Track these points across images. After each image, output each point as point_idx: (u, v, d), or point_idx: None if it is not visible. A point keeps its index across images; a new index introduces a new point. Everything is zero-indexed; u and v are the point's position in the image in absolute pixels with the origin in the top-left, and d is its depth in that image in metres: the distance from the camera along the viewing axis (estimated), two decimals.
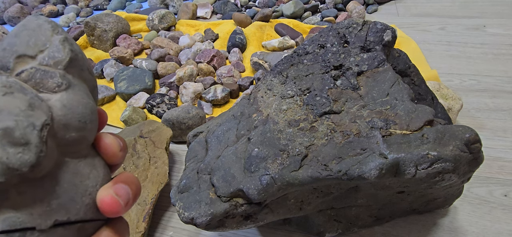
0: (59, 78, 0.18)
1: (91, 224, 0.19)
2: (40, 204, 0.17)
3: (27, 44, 0.18)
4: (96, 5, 1.28)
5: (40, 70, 0.18)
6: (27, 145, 0.16)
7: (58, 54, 0.19)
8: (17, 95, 0.17)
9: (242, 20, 0.94)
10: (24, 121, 0.16)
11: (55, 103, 0.18)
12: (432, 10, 1.03)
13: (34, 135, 0.16)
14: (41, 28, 0.19)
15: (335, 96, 0.36)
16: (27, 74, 0.18)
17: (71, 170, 0.19)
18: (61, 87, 0.18)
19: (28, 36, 0.18)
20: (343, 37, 0.40)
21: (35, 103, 0.17)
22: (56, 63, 0.18)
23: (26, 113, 0.16)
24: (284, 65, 0.41)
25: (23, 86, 0.17)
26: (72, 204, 0.18)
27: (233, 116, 0.40)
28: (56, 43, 0.19)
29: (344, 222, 0.40)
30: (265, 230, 0.46)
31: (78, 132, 0.19)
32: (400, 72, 0.42)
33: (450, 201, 0.42)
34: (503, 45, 0.82)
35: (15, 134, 0.15)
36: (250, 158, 0.33)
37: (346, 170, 0.30)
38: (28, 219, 0.16)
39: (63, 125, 0.18)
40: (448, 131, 0.31)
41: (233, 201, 0.33)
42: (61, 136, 0.18)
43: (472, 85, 0.70)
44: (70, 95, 0.19)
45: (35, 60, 0.18)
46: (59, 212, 0.18)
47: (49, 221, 0.17)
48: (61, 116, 0.18)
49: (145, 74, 0.76)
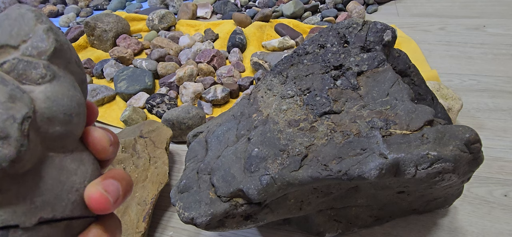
0: (42, 69, 0.17)
1: (79, 221, 0.19)
2: (24, 201, 0.16)
3: (9, 34, 0.17)
4: (96, 5, 1.28)
5: (22, 61, 0.17)
6: (6, 138, 0.15)
7: (42, 44, 0.18)
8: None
9: (242, 20, 0.94)
10: (3, 114, 0.15)
11: (38, 95, 0.17)
12: (432, 10, 1.03)
13: (14, 128, 0.15)
14: (24, 18, 0.18)
15: (335, 96, 0.36)
16: (9, 65, 0.17)
17: (56, 165, 0.18)
18: (45, 79, 0.17)
19: (10, 25, 0.18)
20: (343, 37, 0.40)
21: (16, 95, 0.16)
22: (40, 53, 0.18)
23: (5, 106, 0.15)
24: (284, 65, 0.41)
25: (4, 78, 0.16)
26: (58, 200, 0.17)
27: (233, 116, 0.40)
28: (40, 33, 0.18)
29: (344, 222, 0.40)
30: (265, 230, 0.46)
31: (64, 126, 0.18)
32: (400, 72, 0.42)
33: (450, 201, 0.42)
34: (503, 45, 0.82)
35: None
36: (250, 158, 0.33)
37: (346, 170, 0.30)
38: (11, 216, 0.16)
39: (47, 118, 0.17)
40: (448, 131, 0.31)
41: (233, 201, 0.33)
42: (45, 130, 0.17)
43: (472, 85, 0.70)
44: (54, 87, 0.18)
45: (17, 50, 0.17)
46: (44, 209, 0.17)
47: (34, 218, 0.16)
48: (44, 108, 0.17)
49: (145, 74, 0.76)
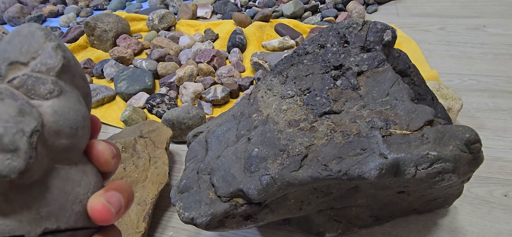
0: (51, 84, 0.18)
1: (82, 232, 0.19)
2: (29, 211, 0.17)
3: (19, 50, 0.18)
4: (96, 5, 1.28)
5: (32, 77, 0.18)
6: (16, 151, 0.16)
7: (51, 60, 0.18)
8: (7, 101, 0.16)
9: (242, 20, 0.94)
10: (13, 128, 0.16)
11: (46, 109, 0.18)
12: (432, 10, 1.03)
13: (24, 141, 0.16)
14: (34, 35, 0.19)
15: (335, 96, 0.36)
16: (19, 81, 0.18)
17: (61, 177, 0.18)
18: (53, 94, 0.18)
19: (20, 43, 0.18)
20: (343, 37, 0.40)
21: (26, 110, 0.17)
22: (48, 69, 0.18)
23: (15, 120, 0.16)
24: (284, 65, 0.41)
25: (14, 93, 0.17)
26: (62, 211, 0.18)
27: (233, 116, 0.40)
28: (49, 50, 0.19)
29: (344, 222, 0.40)
30: (265, 230, 0.46)
31: (69, 139, 0.18)
32: (400, 72, 0.42)
33: (450, 201, 0.42)
34: (503, 45, 0.82)
35: (4, 140, 0.15)
36: (250, 158, 0.33)
37: (346, 170, 0.30)
38: (17, 226, 0.16)
39: (54, 132, 0.18)
40: (448, 131, 0.31)
41: (233, 201, 0.33)
42: (52, 142, 0.18)
43: (472, 85, 0.70)
44: (61, 101, 0.18)
45: (27, 66, 0.18)
46: (49, 219, 0.17)
47: (39, 229, 0.17)
48: (52, 122, 0.18)
49: (145, 74, 0.76)
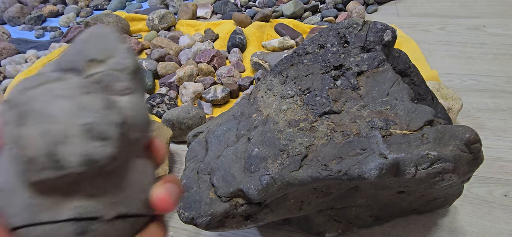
0: (125, 82, 0.20)
1: (142, 219, 0.21)
2: (107, 196, 0.18)
3: (97, 49, 0.20)
4: (96, 5, 1.28)
5: (109, 74, 0.20)
6: (107, 140, 0.17)
7: (125, 61, 0.20)
8: (94, 95, 0.18)
9: (242, 20, 0.94)
10: (104, 118, 0.17)
11: (123, 104, 0.19)
12: (432, 10, 1.03)
13: (113, 132, 0.18)
14: (109, 37, 0.20)
15: (335, 96, 0.36)
16: (97, 77, 0.19)
17: (132, 167, 0.20)
18: (127, 91, 0.20)
19: (98, 42, 0.20)
20: (343, 37, 0.40)
21: (110, 103, 0.18)
22: (123, 69, 0.20)
23: (105, 112, 0.18)
24: (284, 65, 0.41)
25: (97, 88, 0.19)
26: (132, 198, 0.20)
27: (233, 116, 0.40)
28: (123, 51, 0.20)
29: (344, 222, 0.40)
30: (265, 230, 0.46)
31: (140, 133, 0.20)
32: (400, 72, 0.42)
33: (450, 201, 0.42)
34: (503, 45, 0.82)
35: (97, 129, 0.17)
36: (250, 158, 0.33)
37: (346, 170, 0.30)
38: (96, 209, 0.18)
39: (130, 125, 0.19)
40: (448, 131, 0.31)
41: (233, 201, 0.33)
42: (128, 135, 0.19)
43: (472, 85, 0.70)
44: (134, 98, 0.20)
45: (104, 64, 0.20)
46: (122, 205, 0.19)
47: (113, 212, 0.19)
48: (129, 117, 0.19)
49: (145, 74, 0.76)
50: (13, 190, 0.18)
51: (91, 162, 0.17)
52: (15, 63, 0.89)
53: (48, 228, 0.17)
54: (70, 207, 0.18)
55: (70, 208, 0.18)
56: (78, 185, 0.18)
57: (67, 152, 0.17)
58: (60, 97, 0.17)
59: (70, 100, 0.17)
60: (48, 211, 0.17)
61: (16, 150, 0.17)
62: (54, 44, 0.96)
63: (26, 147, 0.16)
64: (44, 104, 0.17)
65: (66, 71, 0.19)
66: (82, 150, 0.17)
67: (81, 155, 0.17)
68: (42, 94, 0.17)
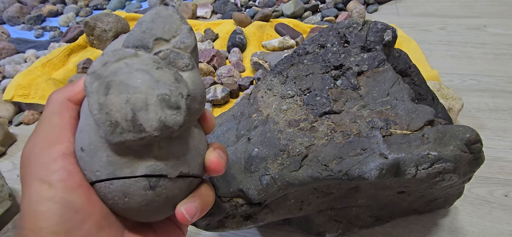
0: (187, 59, 0.22)
1: (197, 180, 0.24)
2: (172, 158, 0.21)
3: (163, 29, 0.22)
4: (96, 5, 1.28)
5: (173, 52, 0.22)
6: (178, 109, 0.20)
7: (187, 40, 0.22)
8: (165, 70, 0.20)
9: (242, 20, 0.94)
10: (176, 91, 0.20)
11: (186, 79, 0.22)
12: (432, 10, 1.03)
13: (183, 102, 0.20)
14: (172, 17, 0.23)
15: (335, 96, 0.36)
16: (163, 54, 0.22)
17: (191, 134, 0.23)
18: (188, 67, 0.22)
19: (162, 22, 0.22)
20: (344, 37, 0.40)
21: (178, 77, 0.21)
22: (186, 47, 0.22)
23: (175, 85, 0.20)
24: (284, 65, 0.40)
25: (166, 63, 0.21)
26: (192, 161, 0.22)
27: (233, 116, 0.40)
28: (185, 31, 0.22)
29: (344, 222, 0.40)
30: (265, 230, 0.46)
31: (199, 105, 0.23)
32: (400, 72, 0.42)
33: (451, 201, 0.42)
34: (503, 45, 0.82)
35: (171, 100, 0.20)
36: (250, 158, 0.33)
37: (346, 170, 0.30)
38: (163, 168, 0.21)
39: (193, 98, 0.22)
40: (448, 131, 0.31)
41: (233, 202, 0.33)
42: (190, 106, 0.21)
43: (472, 85, 0.70)
44: (194, 74, 0.22)
45: (169, 43, 0.22)
46: (183, 165, 0.22)
47: (176, 171, 0.21)
48: (191, 90, 0.22)
49: None
50: (95, 150, 0.20)
51: (166, 127, 0.19)
52: (15, 63, 0.88)
53: (125, 182, 0.20)
54: (143, 166, 0.20)
55: (143, 166, 0.20)
56: (150, 147, 0.20)
57: (146, 118, 0.19)
58: (139, 71, 0.20)
59: (147, 74, 0.20)
60: (124, 168, 0.20)
61: (100, 115, 0.19)
62: (53, 44, 0.95)
63: (112, 113, 0.19)
64: (126, 76, 0.19)
65: (137, 48, 0.21)
66: (159, 117, 0.19)
67: (158, 121, 0.19)
68: (123, 67, 0.20)
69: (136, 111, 0.19)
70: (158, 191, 0.21)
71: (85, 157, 0.20)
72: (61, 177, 0.19)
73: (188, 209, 0.22)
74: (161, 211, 0.22)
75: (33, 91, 0.73)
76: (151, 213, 0.22)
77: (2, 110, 0.72)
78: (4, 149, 0.65)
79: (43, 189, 0.19)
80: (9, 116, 0.72)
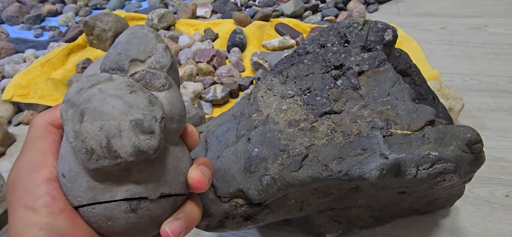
0: (163, 79, 0.22)
1: (181, 198, 0.24)
2: (152, 180, 0.21)
3: (138, 50, 0.22)
4: (95, 4, 1.28)
5: (149, 72, 0.22)
6: (152, 133, 0.20)
7: (163, 59, 0.22)
8: (139, 93, 0.20)
9: (242, 20, 0.94)
10: (149, 114, 0.20)
11: (162, 100, 0.22)
12: (433, 10, 1.03)
13: (156, 126, 0.20)
14: (148, 37, 0.23)
15: (335, 96, 0.36)
16: (139, 75, 0.22)
17: (171, 154, 0.23)
18: (165, 87, 0.22)
19: (138, 43, 0.22)
20: (344, 36, 0.40)
21: (153, 100, 0.21)
22: (161, 66, 0.22)
23: (149, 108, 0.20)
24: (284, 64, 0.40)
25: (140, 86, 0.21)
26: (173, 181, 0.22)
27: (233, 116, 0.40)
28: (161, 50, 0.23)
29: (344, 223, 0.40)
30: (265, 231, 0.45)
31: (178, 124, 0.23)
32: (401, 71, 0.42)
33: (451, 201, 0.42)
34: (504, 45, 0.82)
35: (144, 124, 0.20)
36: (250, 158, 0.33)
37: (347, 171, 0.29)
38: (143, 191, 0.21)
39: (169, 118, 0.22)
40: (449, 131, 0.30)
41: (233, 202, 0.32)
42: (167, 127, 0.22)
43: (473, 85, 0.70)
44: (171, 93, 0.22)
45: (144, 63, 0.22)
46: (164, 186, 0.22)
47: (157, 193, 0.21)
48: (167, 111, 0.22)
49: None
50: (75, 176, 0.20)
51: (140, 152, 0.20)
52: (14, 62, 0.88)
53: (106, 206, 0.20)
54: (123, 190, 0.20)
55: (123, 190, 0.20)
56: (129, 171, 0.20)
57: (120, 145, 0.19)
58: (112, 97, 0.20)
59: (121, 99, 0.20)
60: (105, 193, 0.20)
61: (76, 143, 0.19)
62: (52, 44, 0.95)
63: (87, 141, 0.19)
64: (99, 103, 0.19)
65: (113, 70, 0.21)
66: (133, 142, 0.19)
67: (133, 147, 0.19)
68: (96, 94, 0.20)
69: (110, 138, 0.19)
70: (140, 213, 0.21)
71: (67, 183, 0.21)
72: (45, 202, 0.20)
73: (173, 228, 0.22)
74: (147, 231, 0.22)
75: (33, 91, 0.72)
76: (137, 234, 0.22)
77: (1, 110, 0.72)
78: (4, 149, 0.65)
79: (28, 216, 0.19)
80: (8, 116, 0.72)
